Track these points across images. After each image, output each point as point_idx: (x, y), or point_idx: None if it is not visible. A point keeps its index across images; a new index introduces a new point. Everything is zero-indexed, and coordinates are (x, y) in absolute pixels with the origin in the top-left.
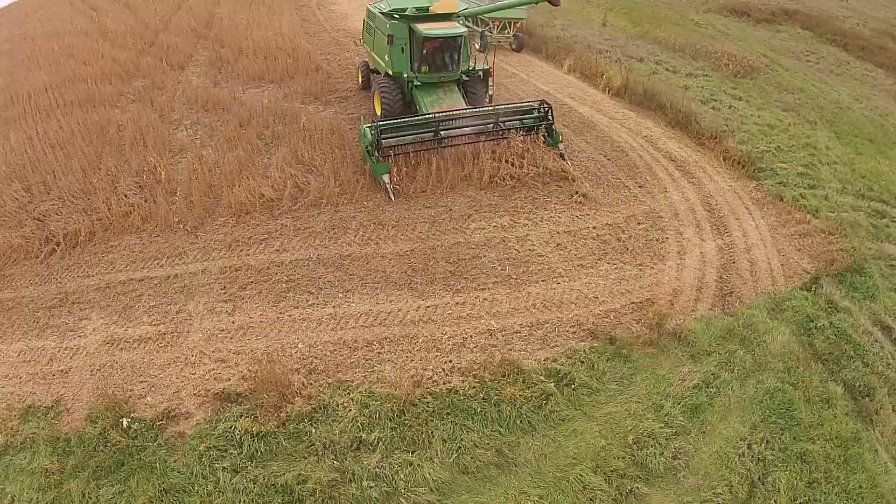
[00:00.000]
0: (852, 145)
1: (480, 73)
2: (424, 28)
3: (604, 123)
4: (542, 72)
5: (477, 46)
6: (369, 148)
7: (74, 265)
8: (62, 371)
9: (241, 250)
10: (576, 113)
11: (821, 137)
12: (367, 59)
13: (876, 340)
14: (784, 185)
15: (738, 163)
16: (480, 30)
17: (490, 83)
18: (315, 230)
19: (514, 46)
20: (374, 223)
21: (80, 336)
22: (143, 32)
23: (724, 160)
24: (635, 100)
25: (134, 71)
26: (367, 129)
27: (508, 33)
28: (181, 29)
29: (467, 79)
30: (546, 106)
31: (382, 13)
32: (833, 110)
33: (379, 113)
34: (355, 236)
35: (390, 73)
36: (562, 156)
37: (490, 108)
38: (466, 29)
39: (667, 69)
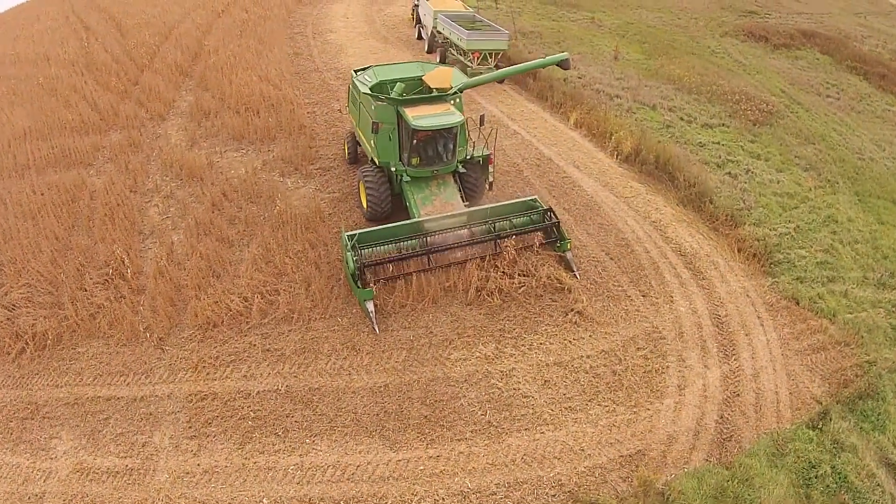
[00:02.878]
0: (874, 211)
1: (480, 159)
2: (414, 116)
3: (609, 204)
4: (546, 127)
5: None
6: (352, 274)
7: (44, 370)
8: (37, 495)
9: (208, 373)
10: (579, 190)
11: (842, 204)
12: (353, 131)
13: (878, 485)
14: (801, 282)
15: (754, 256)
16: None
17: (490, 169)
18: (285, 353)
19: None
20: (348, 348)
21: (51, 458)
22: (129, 67)
23: (739, 251)
24: (646, 169)
25: (113, 119)
26: (349, 253)
27: (490, 65)
28: (166, 64)
29: (464, 170)
30: (553, 218)
31: (367, 92)
32: (855, 163)
33: (365, 206)
34: (327, 363)
35: (376, 161)
36: (568, 264)
37: (487, 211)
38: (462, 118)
39: (681, 118)
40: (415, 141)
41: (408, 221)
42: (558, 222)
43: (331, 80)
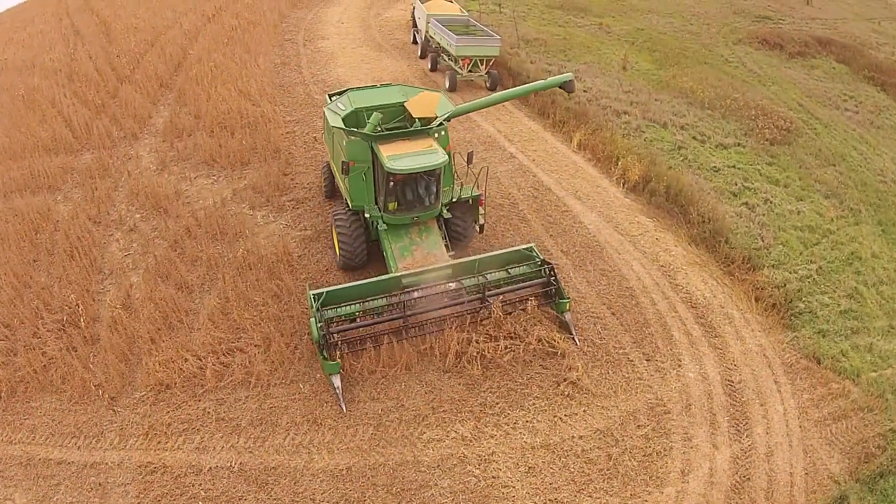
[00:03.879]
0: None
1: (469, 200)
2: (390, 156)
3: (613, 245)
4: (546, 150)
5: (446, 85)
6: (316, 343)
7: None
8: None
9: (159, 441)
10: (580, 227)
11: (866, 237)
12: (329, 161)
13: None
14: (823, 336)
15: (773, 306)
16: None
17: (481, 211)
18: (240, 423)
19: (487, 85)
20: (309, 421)
21: None
22: (109, 78)
23: (756, 301)
24: (655, 201)
25: (86, 137)
26: (314, 318)
27: (481, 72)
28: (147, 75)
29: (449, 215)
30: (550, 270)
31: (338, 126)
32: (877, 188)
33: (338, 254)
34: (285, 438)
35: (350, 204)
36: (566, 326)
37: (476, 263)
38: (446, 157)
39: (694, 137)
40: (391, 183)
41: (383, 277)
42: (557, 278)
43: (316, 93)
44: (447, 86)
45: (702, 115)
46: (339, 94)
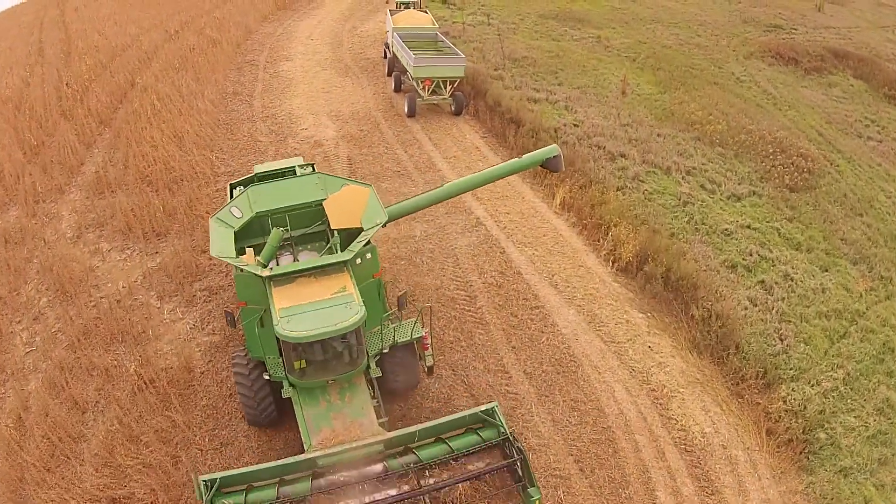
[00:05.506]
0: None
1: (413, 342)
2: (284, 312)
3: (593, 359)
4: (522, 211)
5: (405, 109)
6: None
7: None
8: None
9: None
10: (552, 334)
11: None
12: None
13: None
14: (845, 476)
15: (788, 442)
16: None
17: (429, 353)
18: None
19: (452, 108)
20: None
21: None
22: (52, 111)
23: (768, 435)
24: (651, 288)
25: (14, 188)
26: None
27: (445, 95)
28: (90, 108)
29: (379, 372)
30: (512, 446)
31: (224, 257)
32: None
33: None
34: None
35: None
36: None
37: (416, 435)
38: (363, 310)
39: (702, 187)
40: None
41: (291, 460)
42: (527, 461)
43: (262, 134)
44: (406, 110)
45: (711, 155)
46: (245, 183)
